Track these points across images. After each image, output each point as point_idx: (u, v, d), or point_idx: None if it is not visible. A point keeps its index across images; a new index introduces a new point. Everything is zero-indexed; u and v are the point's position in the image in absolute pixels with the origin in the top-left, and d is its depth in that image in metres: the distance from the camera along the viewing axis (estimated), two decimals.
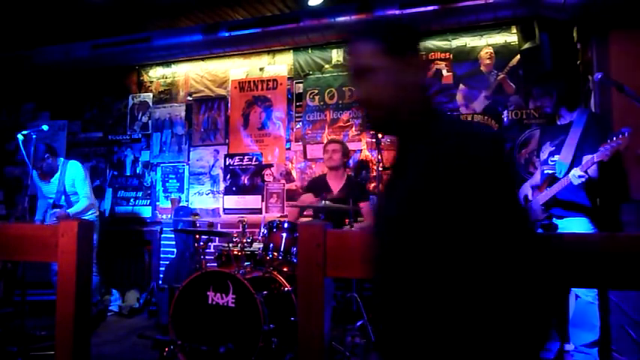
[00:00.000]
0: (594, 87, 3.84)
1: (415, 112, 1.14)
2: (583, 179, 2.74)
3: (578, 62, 4.14)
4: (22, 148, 3.56)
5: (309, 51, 5.16)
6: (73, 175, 4.22)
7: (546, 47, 4.19)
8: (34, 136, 3.60)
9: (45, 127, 3.84)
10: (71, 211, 4.12)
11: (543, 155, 3.23)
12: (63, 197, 4.20)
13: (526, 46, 4.39)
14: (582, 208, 3.00)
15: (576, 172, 2.75)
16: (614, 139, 2.60)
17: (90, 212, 4.27)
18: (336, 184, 4.06)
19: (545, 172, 3.16)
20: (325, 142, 4.53)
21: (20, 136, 3.56)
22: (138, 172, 5.69)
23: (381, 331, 1.16)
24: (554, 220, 3.05)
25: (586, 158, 2.78)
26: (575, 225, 2.98)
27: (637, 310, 3.07)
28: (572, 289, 3.27)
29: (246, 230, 3.50)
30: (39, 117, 6.11)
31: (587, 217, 2.99)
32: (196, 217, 5.06)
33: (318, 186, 4.10)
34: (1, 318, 4.22)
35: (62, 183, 4.19)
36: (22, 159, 3.98)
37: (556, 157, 3.08)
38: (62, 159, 4.32)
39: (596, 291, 2.99)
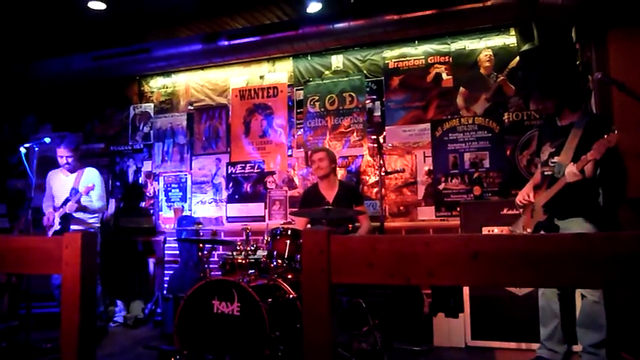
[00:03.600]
0: (594, 87, 3.84)
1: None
2: (578, 177, 2.77)
3: (578, 62, 4.14)
4: (24, 161, 3.57)
5: (309, 58, 5.17)
6: (91, 179, 4.28)
7: (545, 48, 4.20)
8: (36, 149, 3.62)
9: (47, 140, 3.85)
10: (83, 200, 4.15)
11: (543, 156, 3.22)
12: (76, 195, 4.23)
13: (525, 47, 4.39)
14: (582, 208, 2.99)
15: (572, 168, 2.78)
16: (605, 136, 2.67)
17: (95, 215, 4.31)
18: (329, 193, 4.03)
19: (546, 173, 3.16)
20: (310, 152, 4.47)
21: (22, 149, 3.58)
22: (140, 182, 5.70)
23: None
24: (555, 221, 3.04)
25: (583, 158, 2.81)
26: (576, 225, 2.97)
27: None
28: (578, 289, 3.26)
29: (250, 238, 3.50)
30: (40, 129, 6.14)
31: (587, 217, 2.98)
32: (199, 225, 5.06)
33: (312, 198, 4.07)
34: (6, 331, 4.21)
35: (77, 182, 4.23)
36: (25, 171, 4.00)
37: (556, 159, 3.08)
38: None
39: (601, 290, 2.97)
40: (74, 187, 4.22)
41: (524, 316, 3.49)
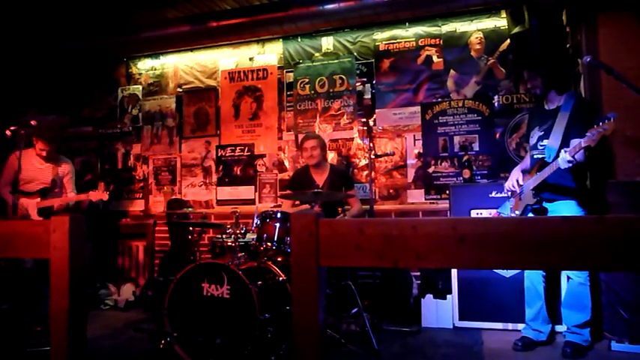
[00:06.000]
0: (584, 70, 3.85)
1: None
2: (571, 164, 2.76)
3: (568, 46, 4.14)
4: (11, 144, 3.52)
5: (299, 39, 5.12)
6: (67, 170, 4.21)
7: (536, 31, 4.18)
8: (22, 132, 3.57)
9: (33, 123, 3.79)
10: (70, 198, 4.15)
11: (532, 140, 3.25)
12: (56, 187, 4.15)
13: (516, 30, 4.39)
14: (571, 191, 3.03)
15: (565, 156, 2.76)
16: (601, 124, 2.60)
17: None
18: (320, 177, 4.00)
19: (535, 156, 3.18)
20: (301, 138, 4.34)
21: (8, 132, 3.52)
22: (129, 165, 5.66)
23: None
24: (545, 204, 3.08)
25: (574, 142, 2.79)
26: (564, 208, 3.01)
27: (627, 290, 3.12)
28: (564, 271, 3.32)
29: (240, 221, 3.49)
30: (27, 112, 6.03)
31: (575, 199, 3.02)
32: (189, 209, 5.05)
33: (301, 181, 4.03)
34: None
35: (58, 174, 4.15)
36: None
37: (545, 142, 3.10)
38: None
39: (587, 272, 3.03)
40: (54, 180, 4.11)
41: (510, 297, 3.55)
